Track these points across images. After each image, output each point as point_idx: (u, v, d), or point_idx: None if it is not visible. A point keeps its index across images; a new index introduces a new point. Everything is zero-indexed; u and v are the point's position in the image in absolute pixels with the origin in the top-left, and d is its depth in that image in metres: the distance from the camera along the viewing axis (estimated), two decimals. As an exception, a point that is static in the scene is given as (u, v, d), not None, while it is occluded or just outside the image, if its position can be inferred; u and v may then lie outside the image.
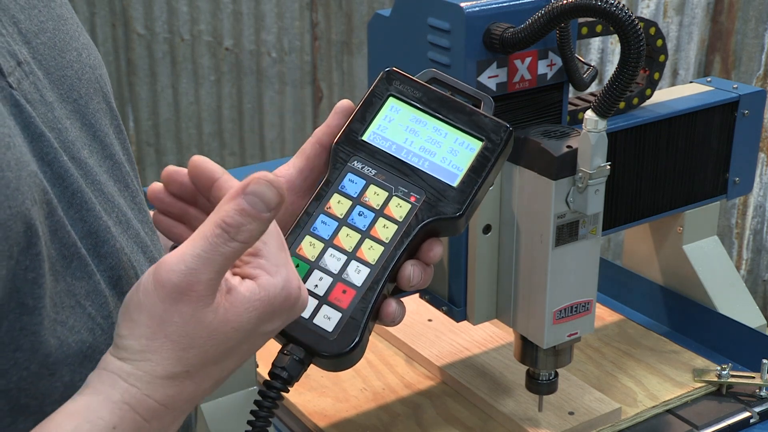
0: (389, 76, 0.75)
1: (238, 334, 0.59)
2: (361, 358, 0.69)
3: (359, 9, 2.74)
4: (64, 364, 0.60)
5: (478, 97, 0.75)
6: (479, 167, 0.71)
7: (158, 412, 0.58)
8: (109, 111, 0.72)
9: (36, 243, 0.57)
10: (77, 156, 0.65)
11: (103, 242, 0.65)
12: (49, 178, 0.61)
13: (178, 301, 0.57)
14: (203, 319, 0.58)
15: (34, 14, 0.66)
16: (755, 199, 2.45)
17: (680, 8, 2.43)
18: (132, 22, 2.88)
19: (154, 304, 0.57)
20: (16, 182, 0.55)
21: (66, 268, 0.61)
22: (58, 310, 0.60)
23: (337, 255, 0.69)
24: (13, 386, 0.58)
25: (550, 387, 1.09)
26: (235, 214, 0.58)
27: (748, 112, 1.28)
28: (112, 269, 0.65)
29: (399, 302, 0.70)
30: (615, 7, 0.83)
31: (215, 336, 0.58)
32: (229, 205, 0.58)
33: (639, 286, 1.43)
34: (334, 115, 0.75)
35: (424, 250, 0.71)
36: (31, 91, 0.62)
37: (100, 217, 0.65)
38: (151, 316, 0.57)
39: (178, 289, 0.57)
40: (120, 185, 0.70)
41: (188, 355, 0.58)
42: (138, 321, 0.57)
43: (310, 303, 0.67)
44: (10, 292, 0.56)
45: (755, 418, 1.17)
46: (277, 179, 0.59)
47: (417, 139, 0.73)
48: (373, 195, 0.71)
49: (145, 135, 3.00)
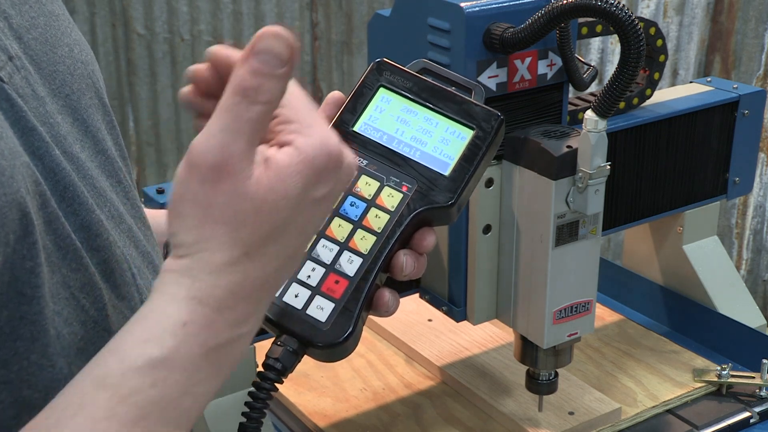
0: (380, 67, 0.75)
1: (287, 202, 0.57)
2: (355, 348, 0.68)
3: (359, 9, 2.74)
4: (61, 356, 0.60)
5: (469, 86, 0.75)
6: (470, 156, 0.71)
7: (227, 302, 0.56)
8: (101, 106, 0.72)
9: (32, 232, 0.56)
10: (69, 150, 0.65)
11: (96, 235, 0.64)
12: (41, 171, 0.60)
13: (216, 180, 0.55)
14: (246, 193, 0.56)
15: (25, 10, 0.66)
16: (755, 199, 2.46)
17: (680, 8, 2.43)
18: (132, 22, 2.88)
19: (194, 191, 0.55)
20: (10, 170, 0.55)
21: (62, 260, 0.60)
22: (55, 301, 0.60)
23: (329, 245, 0.69)
24: (14, 377, 0.58)
25: (550, 387, 1.09)
26: (249, 76, 0.56)
27: (748, 112, 1.28)
28: (105, 262, 0.65)
29: (392, 292, 0.70)
30: (615, 7, 0.83)
31: (263, 208, 0.56)
32: (242, 68, 0.56)
33: (639, 286, 1.43)
34: (325, 106, 0.75)
35: (417, 239, 0.70)
36: (23, 85, 0.62)
37: (93, 211, 0.64)
38: (194, 203, 0.56)
39: (214, 167, 0.55)
40: (112, 180, 0.70)
41: (241, 235, 0.56)
42: (184, 213, 0.56)
43: (302, 294, 0.67)
44: (9, 281, 0.56)
45: (755, 418, 1.17)
46: (284, 30, 0.56)
47: (408, 129, 0.73)
48: (364, 185, 0.71)
49: (145, 135, 3.00)
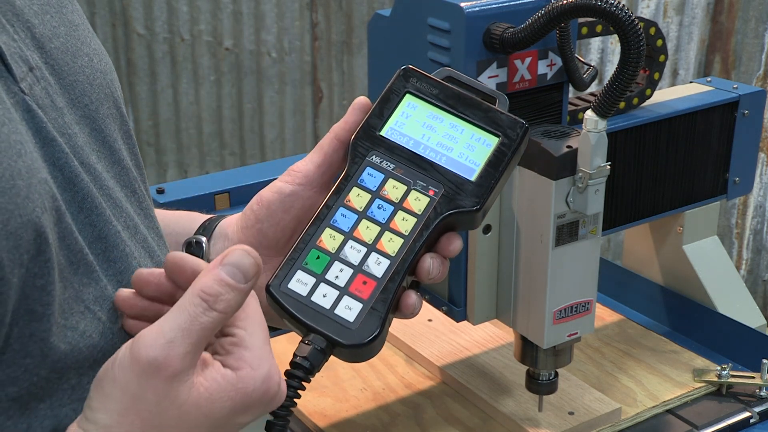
0: (406, 74, 0.76)
1: (209, 421, 0.59)
2: (380, 350, 0.69)
3: (359, 9, 2.74)
4: (72, 368, 0.60)
5: (493, 95, 0.75)
6: (496, 162, 0.72)
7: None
8: (119, 116, 0.73)
9: (45, 250, 0.57)
10: (86, 161, 0.65)
11: (113, 247, 0.65)
12: (60, 183, 0.61)
13: (152, 376, 0.57)
14: (177, 397, 0.57)
15: (47, 19, 0.67)
16: (755, 199, 2.45)
17: (680, 8, 2.43)
18: (132, 22, 2.88)
19: (128, 379, 0.57)
20: (26, 190, 0.55)
21: (74, 275, 0.61)
22: (67, 316, 0.60)
23: (357, 247, 0.70)
24: (24, 392, 0.58)
25: (550, 387, 1.09)
26: (213, 283, 0.58)
27: (748, 112, 1.28)
28: (122, 273, 0.65)
29: (418, 294, 0.71)
30: (615, 7, 0.83)
31: (185, 418, 0.58)
32: (208, 276, 0.59)
33: (639, 286, 1.43)
34: (352, 111, 0.76)
35: (443, 243, 0.71)
36: (43, 96, 0.63)
37: (110, 222, 0.65)
38: (124, 391, 0.57)
39: (155, 363, 0.56)
40: (127, 191, 0.71)
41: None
42: (111, 395, 0.57)
43: (330, 294, 0.68)
44: (19, 298, 0.56)
45: (755, 418, 1.17)
46: (253, 250, 0.60)
47: (434, 135, 0.74)
48: (392, 188, 0.72)
49: (145, 135, 3.00)
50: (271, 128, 2.93)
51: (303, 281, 0.69)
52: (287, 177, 0.78)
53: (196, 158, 3.01)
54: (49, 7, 0.68)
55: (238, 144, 2.98)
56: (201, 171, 3.01)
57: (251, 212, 0.79)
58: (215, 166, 3.00)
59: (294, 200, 0.77)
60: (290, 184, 0.77)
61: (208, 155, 3.00)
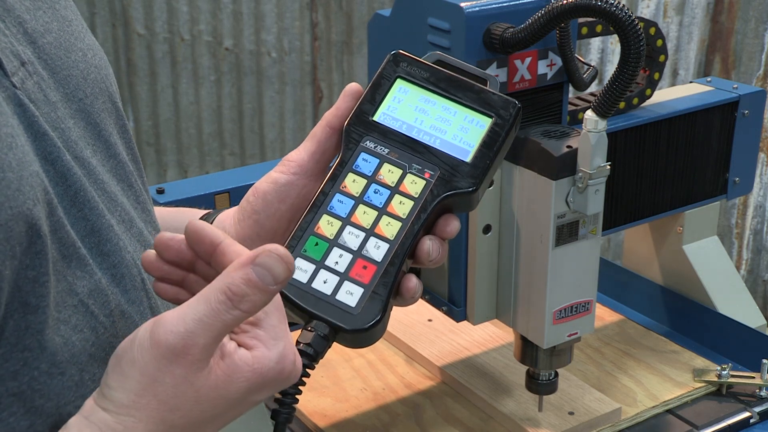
0: (396, 59, 0.76)
1: (226, 402, 0.59)
2: (382, 335, 0.69)
3: (359, 9, 2.74)
4: (71, 363, 0.60)
5: (484, 77, 0.76)
6: (490, 142, 0.72)
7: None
8: (114, 111, 0.73)
9: (37, 242, 0.57)
10: (80, 155, 0.65)
11: (106, 240, 0.65)
12: (52, 176, 0.61)
13: (172, 362, 0.57)
14: (194, 382, 0.58)
15: (39, 15, 0.67)
16: (755, 199, 2.45)
17: (680, 8, 2.43)
18: (132, 22, 2.88)
19: (147, 362, 0.57)
20: (17, 183, 0.56)
21: (66, 268, 0.61)
22: (61, 309, 0.60)
23: (355, 232, 0.70)
24: (25, 387, 0.58)
25: (550, 387, 1.09)
26: (241, 283, 0.58)
27: (748, 112, 1.28)
28: (115, 267, 0.65)
29: (418, 278, 0.71)
30: (615, 7, 0.83)
31: (202, 401, 0.58)
32: (237, 273, 0.58)
33: (639, 286, 1.43)
34: (343, 97, 0.76)
35: (440, 225, 0.71)
36: (35, 90, 0.63)
37: (103, 216, 0.65)
38: (143, 373, 0.57)
39: (174, 350, 0.57)
40: (123, 184, 0.71)
41: (173, 417, 0.58)
42: (129, 375, 0.58)
43: (331, 279, 0.68)
44: (13, 291, 0.56)
45: (755, 418, 1.17)
46: (287, 254, 0.59)
47: (427, 118, 0.74)
48: (387, 173, 0.72)
49: (145, 135, 3.00)
50: (271, 128, 2.93)
51: (303, 268, 0.69)
52: (282, 167, 0.78)
53: (196, 158, 3.01)
54: (42, 3, 0.68)
55: (238, 144, 2.98)
56: (201, 171, 3.01)
57: (247, 204, 0.79)
58: (215, 166, 3.00)
59: (289, 189, 0.77)
60: (285, 174, 0.77)
61: (208, 155, 3.00)
